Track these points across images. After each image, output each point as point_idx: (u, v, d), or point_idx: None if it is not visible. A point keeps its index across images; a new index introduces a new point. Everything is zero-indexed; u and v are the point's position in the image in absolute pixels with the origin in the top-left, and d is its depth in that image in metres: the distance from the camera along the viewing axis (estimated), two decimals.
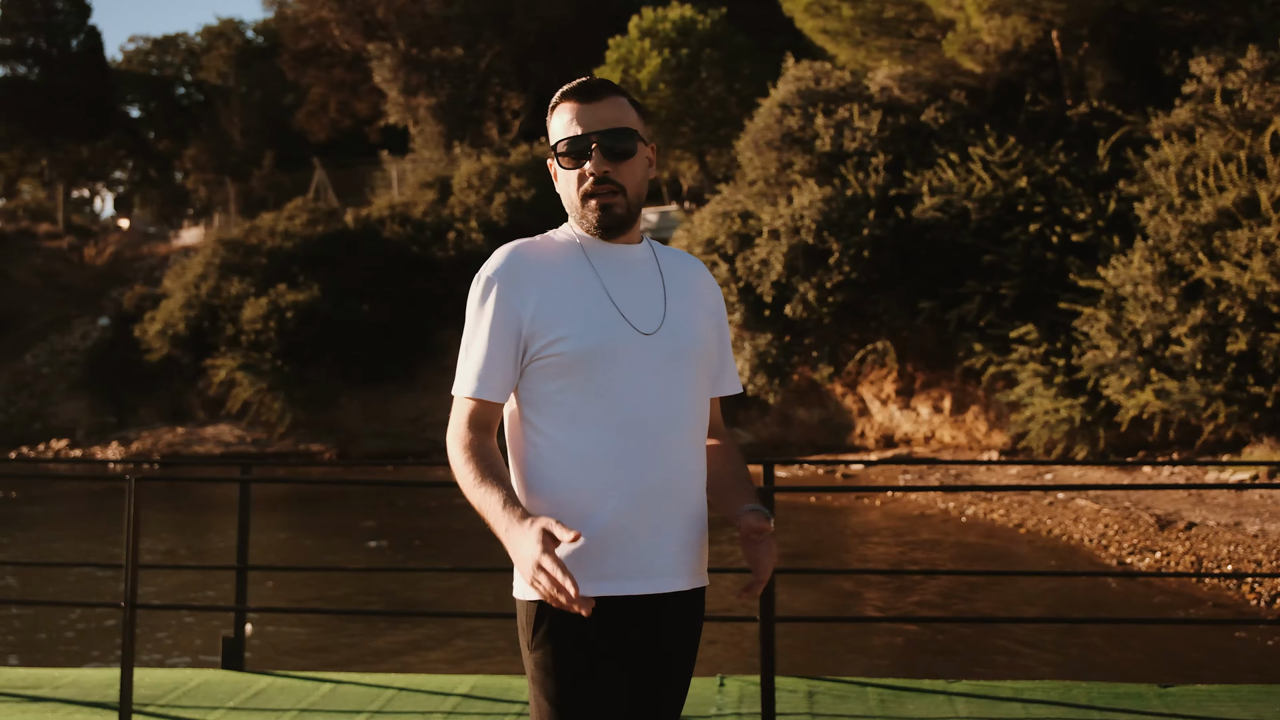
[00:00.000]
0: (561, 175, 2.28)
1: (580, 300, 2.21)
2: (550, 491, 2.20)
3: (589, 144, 2.22)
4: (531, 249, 2.26)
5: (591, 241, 2.28)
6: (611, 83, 2.30)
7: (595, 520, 2.16)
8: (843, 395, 23.50)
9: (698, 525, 2.29)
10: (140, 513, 4.93)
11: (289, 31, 39.84)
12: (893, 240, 19.73)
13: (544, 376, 2.21)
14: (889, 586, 10.67)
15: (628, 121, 2.26)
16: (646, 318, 2.24)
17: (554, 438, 2.20)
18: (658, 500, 2.20)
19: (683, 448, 2.24)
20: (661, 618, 2.22)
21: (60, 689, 5.45)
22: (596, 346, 2.18)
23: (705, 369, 2.32)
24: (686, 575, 2.25)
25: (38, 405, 32.20)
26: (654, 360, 2.22)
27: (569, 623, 2.14)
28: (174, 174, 52.26)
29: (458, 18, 34.15)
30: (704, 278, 2.42)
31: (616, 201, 2.23)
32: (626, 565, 2.17)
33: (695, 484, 2.28)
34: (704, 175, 27.67)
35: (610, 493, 2.17)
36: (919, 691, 5.26)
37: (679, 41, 26.31)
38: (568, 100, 2.27)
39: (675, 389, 2.23)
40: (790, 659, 7.66)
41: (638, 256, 2.31)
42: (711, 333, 2.36)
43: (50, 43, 45.71)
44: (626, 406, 2.18)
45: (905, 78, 21.47)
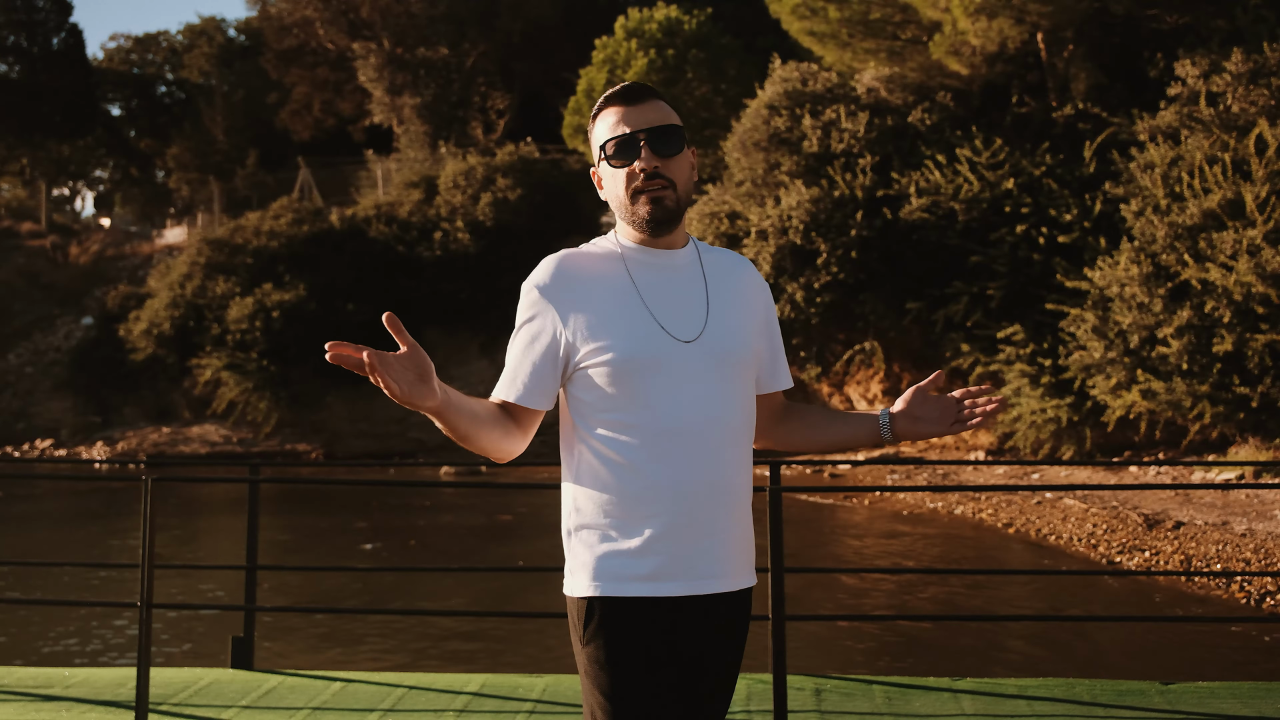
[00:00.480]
0: (609, 176, 2.32)
1: (619, 311, 2.26)
2: (598, 496, 2.26)
3: (638, 141, 2.27)
4: (574, 260, 2.32)
5: (633, 250, 2.34)
6: (652, 88, 2.36)
7: (642, 525, 2.23)
8: (830, 395, 23.59)
9: (743, 527, 2.35)
10: (154, 513, 4.95)
11: (272, 30, 39.70)
12: (880, 241, 19.83)
13: (587, 386, 2.27)
14: (887, 585, 10.75)
15: (673, 121, 2.32)
16: (686, 325, 2.29)
17: (600, 445, 2.26)
18: (703, 504, 2.25)
19: (726, 452, 2.29)
20: (709, 618, 2.27)
21: (72, 688, 5.47)
22: (635, 357, 2.23)
23: (748, 373, 2.37)
24: (732, 576, 2.31)
25: (21, 405, 32.02)
26: (695, 367, 2.27)
27: (620, 618, 2.21)
28: (156, 173, 51.98)
29: (442, 17, 34.11)
30: (751, 277, 2.47)
31: (667, 195, 2.28)
32: (673, 568, 2.23)
33: (740, 486, 2.34)
34: None
35: (655, 498, 2.23)
36: (924, 689, 5.32)
37: (665, 42, 26.34)
38: (612, 104, 2.32)
39: (717, 395, 2.28)
40: (795, 658, 7.73)
41: (681, 261, 2.36)
42: (758, 334, 2.42)
43: (31, 40, 45.37)
44: (668, 414, 2.24)
45: (892, 79, 21.58)
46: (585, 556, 2.26)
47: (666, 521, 2.22)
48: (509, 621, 9.13)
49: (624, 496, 2.24)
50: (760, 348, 2.43)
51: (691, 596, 2.24)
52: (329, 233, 29.45)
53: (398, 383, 2.01)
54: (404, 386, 2.02)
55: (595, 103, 2.39)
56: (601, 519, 2.25)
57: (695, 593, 2.25)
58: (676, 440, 2.23)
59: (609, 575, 2.23)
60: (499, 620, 9.21)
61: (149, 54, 54.48)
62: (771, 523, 4.85)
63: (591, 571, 2.25)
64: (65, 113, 45.01)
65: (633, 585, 2.22)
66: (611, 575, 2.23)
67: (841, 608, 9.70)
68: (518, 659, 8.11)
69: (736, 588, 2.32)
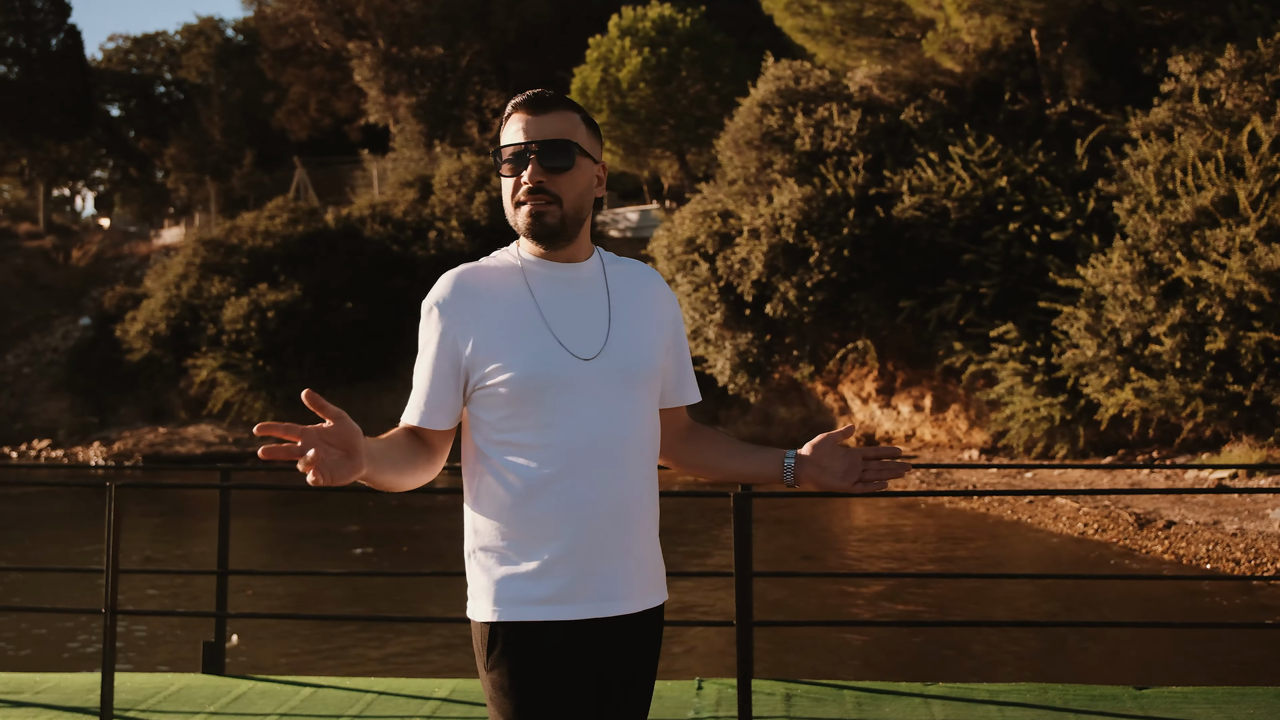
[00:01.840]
0: (504, 183, 2.29)
1: (516, 329, 2.22)
2: (497, 519, 2.23)
3: (528, 153, 2.23)
4: (473, 275, 2.28)
5: (533, 263, 2.29)
6: (565, 97, 2.31)
7: (541, 547, 2.19)
8: (824, 394, 23.57)
9: (649, 546, 2.32)
10: (121, 518, 4.94)
11: (268, 30, 39.69)
12: (872, 239, 19.80)
13: (485, 405, 2.23)
14: (870, 587, 10.73)
15: (573, 135, 2.26)
16: (586, 342, 2.24)
17: (499, 466, 2.22)
18: (604, 525, 2.21)
19: (629, 470, 2.25)
20: (616, 639, 2.24)
21: (41, 694, 5.46)
22: (533, 376, 2.19)
23: (652, 389, 2.33)
24: (639, 596, 2.27)
25: (19, 405, 32.04)
26: (596, 385, 2.23)
27: (522, 642, 2.17)
28: (154, 173, 51.99)
29: (437, 16, 34.09)
30: (656, 289, 2.42)
31: (549, 211, 2.23)
32: (575, 590, 2.19)
33: (645, 505, 2.30)
34: (684, 174, 27.69)
35: (555, 519, 2.19)
36: (895, 694, 5.31)
37: (659, 40, 26.30)
38: (518, 110, 2.28)
39: (619, 412, 2.24)
40: (766, 662, 7.71)
41: (583, 275, 2.31)
42: (663, 348, 2.37)
43: (29, 41, 45.39)
44: (569, 433, 2.20)
45: (885, 77, 21.54)
46: (485, 580, 2.23)
47: (566, 543, 2.19)
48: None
49: (523, 518, 2.20)
50: (666, 362, 2.39)
51: (596, 619, 2.21)
52: (324, 232, 29.44)
53: (322, 470, 1.95)
54: (328, 472, 1.96)
55: (506, 109, 2.35)
56: (500, 541, 2.22)
57: (598, 615, 2.21)
58: (576, 460, 2.20)
59: (509, 599, 2.19)
60: (469, 626, 9.17)
61: (147, 54, 54.52)
62: (737, 528, 4.83)
63: (492, 596, 2.21)
64: (64, 113, 45.03)
65: (533, 609, 2.18)
66: (512, 599, 2.19)
67: (829, 612, 9.68)
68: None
69: (642, 608, 2.28)
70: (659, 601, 2.33)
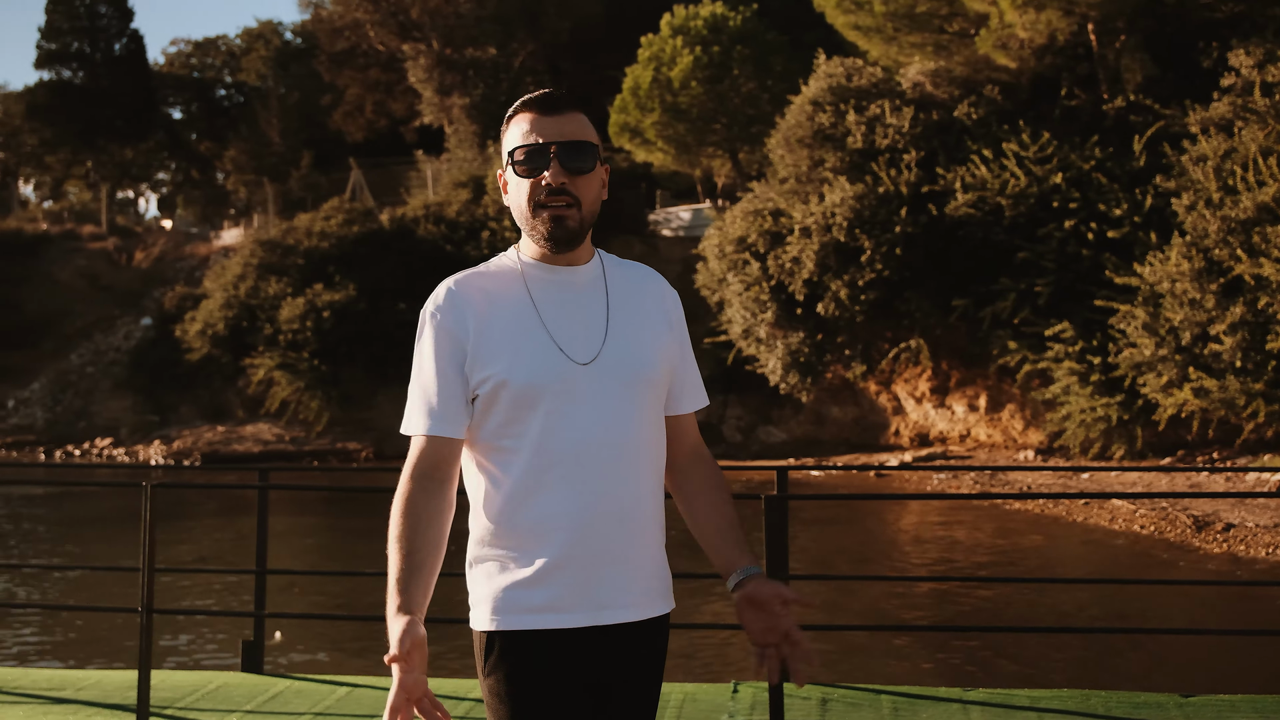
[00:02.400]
0: (514, 185, 2.24)
1: (514, 333, 2.19)
2: (495, 526, 2.20)
3: (548, 153, 2.19)
4: (472, 281, 2.25)
5: (533, 267, 2.26)
6: (573, 97, 2.28)
7: (538, 555, 2.16)
8: (877, 393, 23.39)
9: (652, 553, 2.27)
10: (155, 518, 5.00)
11: (325, 33, 40.09)
12: (925, 237, 19.61)
13: (485, 411, 2.20)
14: (918, 590, 10.61)
15: (589, 136, 2.24)
16: (583, 346, 2.21)
17: (499, 471, 2.20)
18: (603, 532, 2.17)
19: (629, 476, 2.21)
20: (615, 648, 2.20)
21: (83, 690, 5.54)
22: (530, 381, 2.16)
23: (654, 392, 2.28)
24: (640, 605, 2.23)
25: (82, 404, 32.63)
26: (594, 389, 2.19)
27: (519, 651, 2.15)
28: (215, 175, 52.78)
29: (490, 17, 34.21)
30: (658, 292, 2.38)
31: (570, 214, 2.20)
32: (572, 598, 2.16)
33: (647, 511, 2.25)
34: (737, 173, 27.59)
35: (552, 527, 2.16)
36: (933, 699, 5.24)
37: (710, 39, 26.20)
38: (527, 110, 2.24)
39: (618, 417, 2.20)
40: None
41: (583, 278, 2.28)
42: (664, 351, 2.32)
43: (94, 47, 46.29)
44: (567, 438, 2.16)
45: (938, 73, 21.31)
46: (484, 589, 2.20)
47: (564, 551, 2.15)
48: None
49: (520, 526, 2.17)
50: (671, 366, 2.34)
51: (594, 627, 2.17)
52: (378, 233, 29.68)
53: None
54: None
55: (512, 106, 2.32)
56: (498, 550, 2.19)
57: (596, 623, 2.17)
58: (574, 466, 2.16)
59: (506, 608, 2.17)
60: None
61: (208, 58, 55.30)
62: (769, 531, 4.78)
63: (490, 604, 2.18)
64: (127, 117, 45.85)
65: (530, 617, 2.15)
66: (508, 608, 2.16)
67: (877, 615, 9.58)
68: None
69: (643, 617, 2.23)
70: (663, 611, 2.29)
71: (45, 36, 45.90)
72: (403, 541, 2.14)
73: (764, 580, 2.26)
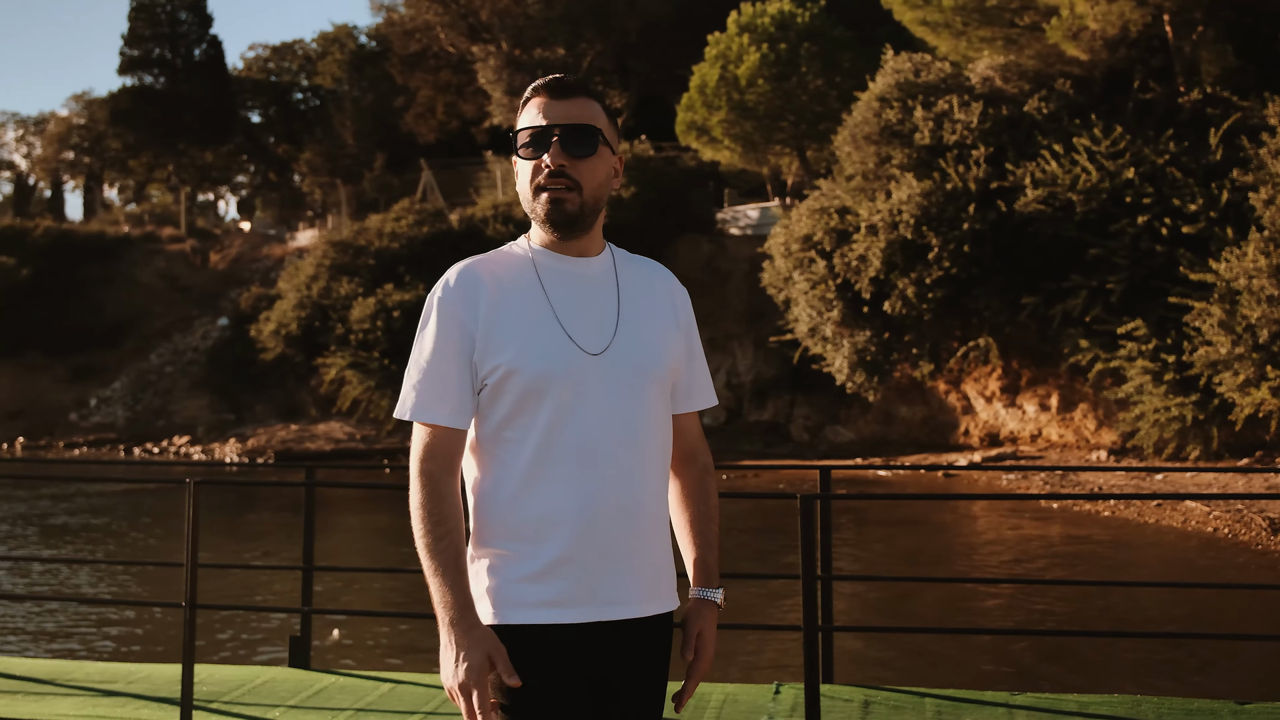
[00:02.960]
0: (520, 168, 2.23)
1: (526, 321, 2.16)
2: (500, 518, 2.17)
3: (550, 136, 2.17)
4: (483, 266, 2.22)
5: (544, 256, 2.23)
6: (587, 85, 2.26)
7: (544, 549, 2.13)
8: (946, 393, 23.09)
9: (658, 549, 2.25)
10: (199, 514, 5.07)
11: (397, 35, 40.54)
12: (994, 234, 19.30)
13: (491, 401, 2.17)
14: (983, 591, 10.45)
15: (594, 121, 2.21)
16: (595, 337, 2.18)
17: (505, 462, 2.17)
18: (609, 526, 2.15)
19: (636, 470, 2.18)
20: (620, 644, 2.18)
21: (134, 683, 5.64)
22: (540, 371, 2.13)
23: (661, 387, 2.26)
24: (644, 601, 2.21)
25: (161, 403, 33.36)
26: (603, 381, 2.16)
27: (523, 646, 2.12)
28: (292, 177, 53.63)
29: (559, 18, 34.34)
30: (668, 287, 2.35)
31: (569, 198, 2.17)
32: (577, 593, 2.14)
33: (653, 506, 2.23)
34: (804, 171, 27.39)
35: (558, 520, 2.13)
36: (978, 703, 5.14)
37: (778, 36, 26.03)
38: (538, 94, 2.23)
39: (627, 410, 2.18)
40: (853, 666, 7.55)
41: (595, 270, 2.25)
42: (674, 347, 2.29)
43: (174, 52, 47.26)
44: (575, 430, 2.14)
45: (1007, 67, 20.97)
46: (488, 582, 2.18)
47: (569, 545, 2.13)
48: None
49: (525, 519, 2.14)
50: (678, 363, 2.31)
51: (598, 623, 2.15)
52: (447, 233, 29.94)
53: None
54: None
55: (525, 93, 2.30)
56: (502, 543, 2.16)
57: (601, 619, 2.15)
58: (581, 459, 2.14)
59: (510, 602, 2.14)
60: None
61: (285, 62, 56.21)
62: (803, 530, 4.73)
63: (493, 598, 2.16)
64: (207, 121, 46.77)
65: (534, 612, 2.13)
66: (512, 602, 2.14)
67: (942, 617, 9.44)
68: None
69: (648, 613, 2.21)
70: (668, 608, 2.27)
71: (128, 43, 46.98)
72: (442, 550, 2.12)
73: (699, 616, 2.31)
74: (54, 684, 5.56)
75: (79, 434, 32.29)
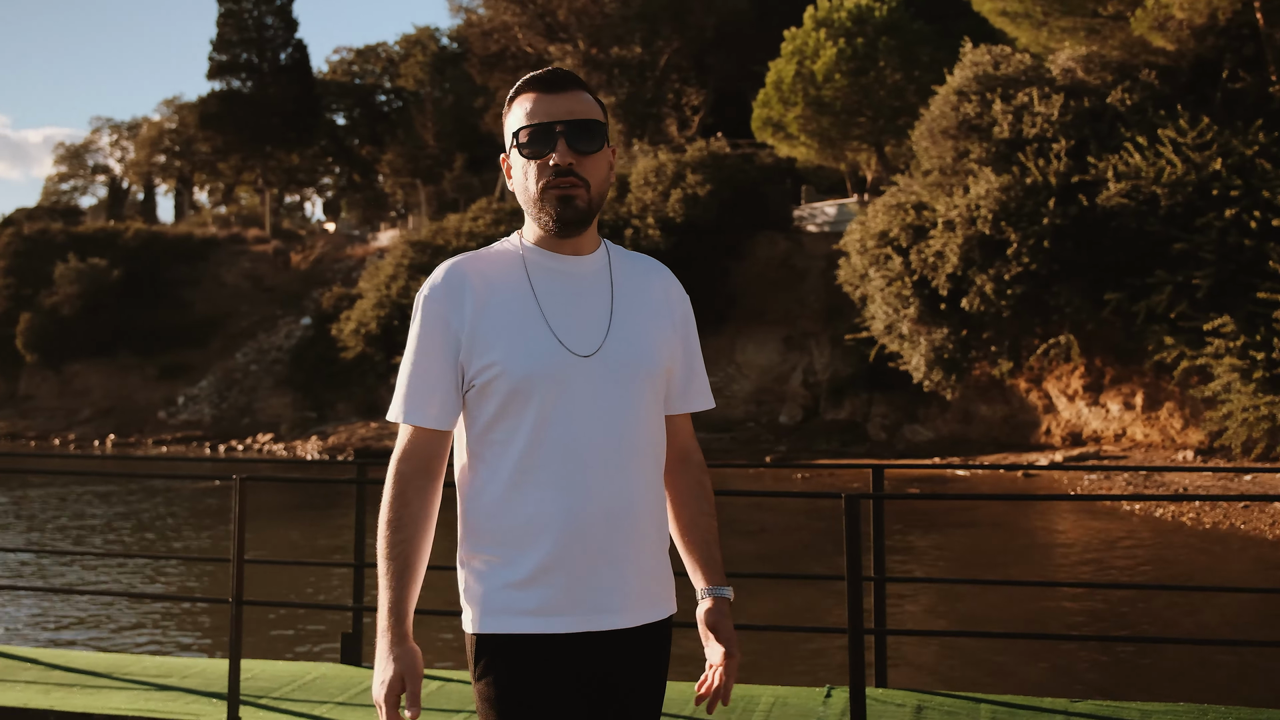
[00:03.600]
0: (519, 167, 2.14)
1: (513, 322, 2.09)
2: (486, 524, 2.11)
3: (554, 133, 2.09)
4: (471, 265, 2.16)
5: (535, 253, 2.16)
6: (577, 76, 2.18)
7: (529, 555, 2.07)
8: (1027, 391, 22.64)
9: (650, 556, 2.16)
10: (245, 510, 5.10)
11: (476, 36, 40.91)
12: (1075, 229, 18.88)
13: (478, 403, 2.11)
14: (1059, 594, 10.21)
15: (595, 115, 2.13)
16: (585, 338, 2.11)
17: (492, 466, 2.10)
18: (601, 532, 2.07)
19: (627, 474, 2.11)
20: (610, 654, 2.10)
21: (188, 678, 5.70)
22: (527, 373, 2.06)
23: (655, 389, 2.18)
24: (637, 610, 2.13)
25: (246, 401, 34.03)
26: (593, 384, 2.09)
27: (509, 655, 2.06)
28: (375, 178, 54.37)
29: (636, 16, 34.37)
30: (664, 285, 2.27)
31: (579, 194, 2.09)
32: (564, 602, 2.06)
33: (645, 512, 2.15)
34: (883, 167, 27.08)
35: (544, 526, 2.06)
36: (1036, 710, 4.99)
37: (855, 30, 25.78)
38: (530, 90, 2.14)
39: (618, 413, 2.10)
40: (910, 670, 7.40)
41: (588, 268, 2.18)
42: (669, 347, 2.22)
43: (261, 57, 48.16)
44: (563, 434, 2.07)
45: (1090, 58, 20.49)
46: (474, 590, 2.12)
47: (556, 551, 2.05)
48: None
49: (511, 524, 2.08)
50: (673, 364, 2.23)
51: (587, 633, 2.07)
52: None
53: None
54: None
55: (514, 88, 2.22)
56: (488, 549, 2.10)
57: (589, 629, 2.07)
58: (568, 463, 2.06)
59: (495, 609, 2.08)
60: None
61: (369, 65, 57.01)
62: (848, 531, 4.62)
63: (479, 606, 2.10)
64: (292, 124, 47.59)
65: (519, 620, 2.06)
66: (498, 609, 2.07)
67: (1021, 622, 9.22)
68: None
69: (639, 623, 2.13)
70: (663, 615, 2.18)
71: (217, 48, 47.99)
72: (394, 557, 2.07)
73: (717, 611, 2.23)
74: (110, 677, 5.65)
75: (167, 431, 33.06)
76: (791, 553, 13.26)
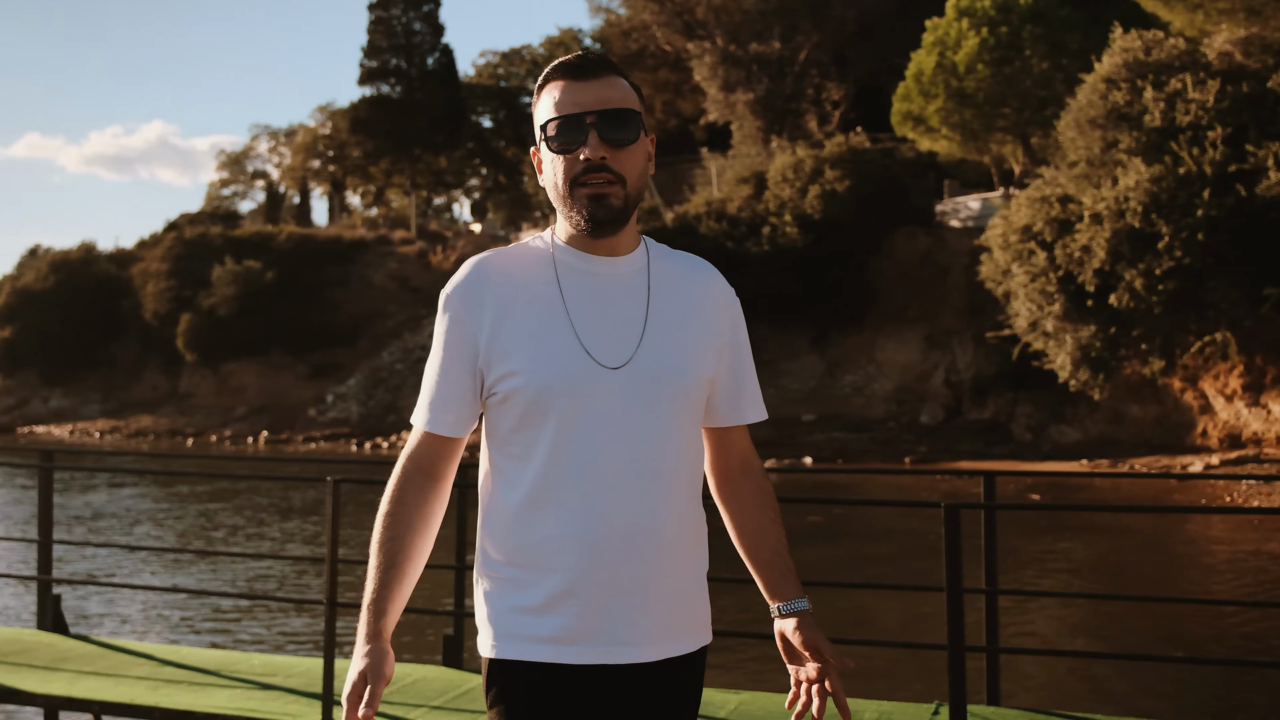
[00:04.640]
0: (549, 161, 1.97)
1: (537, 328, 1.94)
2: (503, 542, 1.97)
3: (585, 124, 1.92)
4: (497, 263, 2.00)
5: (567, 254, 2.00)
6: (610, 60, 2.01)
7: (546, 579, 1.92)
8: (1181, 391, 21.65)
9: (678, 583, 1.99)
10: (340, 512, 5.12)
11: (615, 35, 41.13)
12: (1231, 221, 18.00)
13: (499, 413, 1.97)
14: (1218, 612, 9.69)
15: (630, 103, 1.96)
16: (614, 349, 1.94)
17: (510, 480, 1.96)
18: (623, 557, 1.91)
19: (655, 495, 1.94)
20: (630, 690, 1.94)
21: (292, 678, 5.76)
22: (549, 385, 1.91)
23: (691, 403, 2.01)
24: (661, 643, 1.96)
25: (391, 399, 34.85)
26: (620, 398, 1.92)
27: (522, 684, 1.92)
28: (521, 179, 55.16)
29: (774, 11, 34.05)
30: (710, 288, 2.10)
31: (613, 192, 1.92)
32: (580, 630, 1.91)
33: (673, 535, 1.97)
34: (1029, 159, 26.23)
35: (564, 547, 1.91)
36: None
37: (998, 19, 25.04)
38: (560, 77, 1.96)
39: (646, 430, 1.93)
40: (1027, 686, 7.07)
41: (623, 269, 2.00)
42: (709, 357, 2.04)
43: (409, 62, 49.30)
44: (584, 451, 1.91)
45: (1249, 40, 19.49)
46: (486, 609, 1.98)
47: (574, 576, 1.90)
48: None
49: (528, 544, 1.93)
50: (718, 373, 2.07)
51: (602, 665, 1.91)
52: (661, 231, 30.05)
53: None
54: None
55: (542, 75, 2.03)
56: (505, 569, 1.96)
57: (605, 661, 1.91)
58: (589, 482, 1.91)
59: (509, 634, 1.94)
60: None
61: (513, 67, 57.85)
62: (948, 543, 4.40)
63: (494, 629, 1.96)
64: (439, 127, 48.62)
65: (534, 648, 1.91)
66: (512, 634, 1.93)
67: (1166, 642, 8.78)
68: (711, 673, 7.85)
69: (660, 657, 1.96)
70: (690, 649, 2.01)
71: (367, 55, 49.31)
72: (381, 554, 1.96)
73: (807, 625, 2.04)
74: (217, 675, 5.74)
75: (316, 429, 34.09)
76: (920, 557, 12.89)
